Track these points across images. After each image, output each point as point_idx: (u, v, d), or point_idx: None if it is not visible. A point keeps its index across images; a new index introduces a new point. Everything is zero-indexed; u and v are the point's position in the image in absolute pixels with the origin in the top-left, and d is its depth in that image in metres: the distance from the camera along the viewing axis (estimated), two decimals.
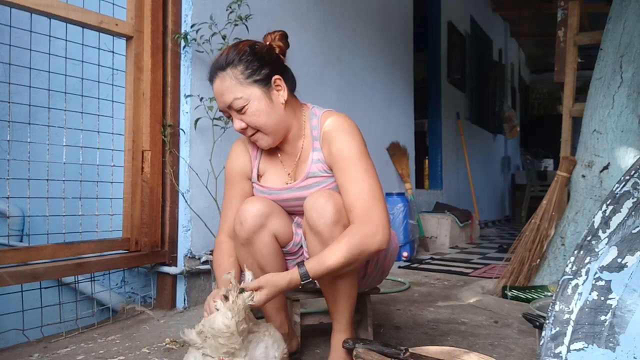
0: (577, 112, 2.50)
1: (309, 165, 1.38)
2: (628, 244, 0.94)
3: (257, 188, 1.46)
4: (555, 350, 0.94)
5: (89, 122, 1.97)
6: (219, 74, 1.31)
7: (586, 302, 0.94)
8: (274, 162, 1.47)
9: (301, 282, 1.20)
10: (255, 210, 1.34)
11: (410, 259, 3.73)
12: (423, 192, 5.20)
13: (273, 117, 1.34)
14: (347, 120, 1.37)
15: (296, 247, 1.44)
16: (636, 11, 2.20)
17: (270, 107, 1.33)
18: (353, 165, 1.29)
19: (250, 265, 1.40)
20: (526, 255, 2.38)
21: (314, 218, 1.25)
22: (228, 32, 2.16)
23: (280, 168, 1.46)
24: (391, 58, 4.38)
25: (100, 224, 1.99)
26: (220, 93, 1.31)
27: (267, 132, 1.34)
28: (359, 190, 1.26)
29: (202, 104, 2.15)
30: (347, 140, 1.32)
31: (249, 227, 1.33)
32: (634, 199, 0.95)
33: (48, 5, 1.72)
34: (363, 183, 1.27)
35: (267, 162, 1.48)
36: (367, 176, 1.28)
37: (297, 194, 1.40)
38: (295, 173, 1.44)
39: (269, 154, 1.47)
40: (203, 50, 2.16)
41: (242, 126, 1.33)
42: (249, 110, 1.30)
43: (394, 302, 2.32)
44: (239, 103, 1.30)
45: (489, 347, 1.64)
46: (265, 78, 1.32)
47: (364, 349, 1.23)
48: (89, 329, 1.86)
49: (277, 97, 1.34)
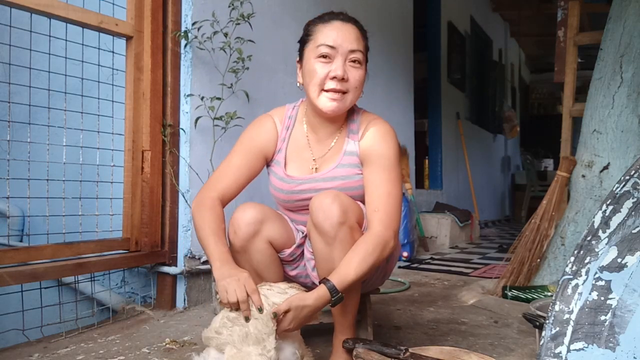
0: (577, 112, 2.50)
1: (340, 157, 1.38)
2: (628, 244, 0.94)
3: (279, 175, 1.42)
4: (555, 350, 0.94)
5: (89, 122, 1.97)
6: (355, 25, 1.34)
7: (586, 302, 0.94)
8: (302, 148, 1.44)
9: (332, 298, 1.17)
10: (249, 218, 1.33)
11: (410, 259, 3.73)
12: (423, 192, 5.20)
13: (358, 96, 1.37)
14: (390, 127, 1.40)
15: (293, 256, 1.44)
16: (636, 11, 2.20)
17: (362, 86, 1.36)
18: (388, 169, 1.32)
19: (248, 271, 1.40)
20: (526, 255, 2.38)
21: (319, 218, 1.24)
22: (230, 30, 2.15)
23: (308, 155, 1.43)
24: (391, 58, 4.38)
25: (100, 224, 1.99)
26: (350, 35, 1.31)
27: (350, 100, 1.34)
28: (388, 195, 1.29)
29: (202, 104, 2.15)
30: (389, 143, 1.35)
31: (243, 236, 1.33)
32: (634, 199, 0.95)
33: (48, 5, 1.72)
34: (393, 189, 1.31)
35: (294, 148, 1.44)
36: (397, 183, 1.32)
37: (318, 184, 1.38)
38: (322, 162, 1.42)
39: (297, 138, 1.44)
40: (204, 48, 2.15)
41: (345, 75, 1.30)
42: (359, 71, 1.32)
43: (394, 302, 2.32)
44: (359, 56, 1.31)
45: (489, 347, 1.64)
46: (367, 58, 1.38)
47: (364, 349, 1.23)
48: (89, 329, 1.86)
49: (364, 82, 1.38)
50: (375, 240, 1.23)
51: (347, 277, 1.18)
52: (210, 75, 2.27)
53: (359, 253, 1.21)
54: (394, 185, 1.31)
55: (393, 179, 1.32)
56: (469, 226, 5.02)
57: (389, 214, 1.27)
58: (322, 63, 1.30)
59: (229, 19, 2.17)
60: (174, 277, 2.14)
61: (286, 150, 1.44)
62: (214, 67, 2.22)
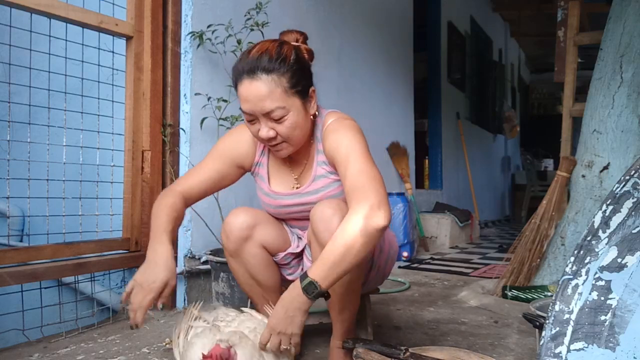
0: (577, 112, 2.50)
1: (314, 168, 1.36)
2: (628, 244, 0.94)
3: (264, 191, 1.42)
4: (555, 350, 0.94)
5: (89, 122, 1.97)
6: (261, 76, 1.19)
7: (586, 302, 0.94)
8: (281, 166, 1.42)
9: (308, 296, 1.08)
10: (240, 223, 1.34)
11: (410, 259, 3.73)
12: (423, 192, 5.20)
13: (305, 129, 1.28)
14: (348, 119, 1.32)
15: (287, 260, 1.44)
16: (636, 11, 2.20)
17: (304, 119, 1.27)
18: (352, 156, 1.22)
19: (242, 275, 1.41)
20: (526, 255, 2.38)
21: (320, 229, 1.22)
22: (243, 36, 2.18)
23: (288, 172, 1.41)
24: (391, 58, 4.38)
25: (100, 224, 1.99)
26: (259, 97, 1.19)
27: (294, 143, 1.28)
28: (359, 173, 1.18)
29: (209, 104, 2.16)
30: (346, 134, 1.26)
31: (234, 240, 1.34)
32: (634, 199, 0.95)
33: (48, 5, 1.72)
34: (363, 166, 1.20)
35: (274, 165, 1.42)
36: (367, 163, 1.21)
37: (303, 199, 1.37)
38: (301, 178, 1.40)
39: (276, 156, 1.40)
40: (217, 51, 2.20)
41: (271, 135, 1.23)
42: (287, 121, 1.22)
43: (394, 302, 2.32)
44: (280, 113, 1.20)
45: (489, 347, 1.64)
46: (305, 89, 1.26)
47: (364, 349, 1.23)
48: (89, 329, 1.86)
49: (310, 109, 1.29)
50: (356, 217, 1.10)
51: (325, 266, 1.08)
52: (212, 75, 2.28)
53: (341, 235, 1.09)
54: (363, 164, 1.20)
55: (360, 161, 1.20)
56: (469, 226, 5.02)
57: (363, 187, 1.14)
58: (250, 124, 1.26)
59: (244, 26, 2.20)
60: None
61: (268, 165, 1.42)
62: (223, 68, 2.24)
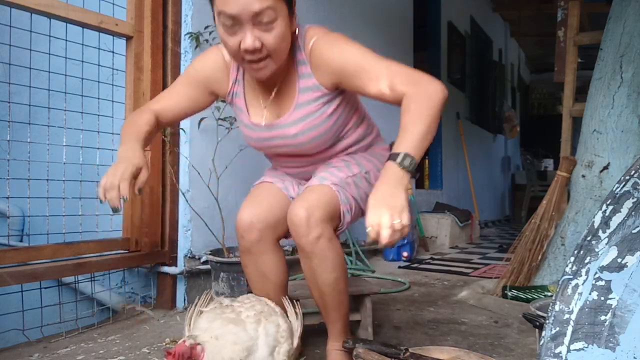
0: (577, 112, 2.50)
1: (296, 96, 1.24)
2: (628, 244, 0.94)
3: (245, 123, 1.33)
4: (555, 350, 0.94)
5: (89, 122, 1.97)
6: None
7: (586, 302, 0.94)
8: (259, 95, 1.30)
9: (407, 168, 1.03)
10: (252, 224, 1.32)
11: (410, 259, 3.73)
12: (423, 192, 5.20)
13: (288, 45, 1.16)
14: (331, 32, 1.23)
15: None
16: (636, 11, 2.20)
17: (288, 33, 1.14)
18: (365, 60, 1.16)
19: (253, 271, 1.40)
20: (526, 255, 2.38)
21: (295, 233, 1.23)
22: None
23: (266, 101, 1.29)
24: (391, 58, 4.38)
25: (100, 224, 1.99)
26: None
27: (278, 59, 1.15)
28: (387, 68, 1.14)
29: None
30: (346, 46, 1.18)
31: (249, 238, 1.34)
32: (634, 199, 0.95)
33: (48, 5, 1.72)
34: (385, 62, 1.15)
35: (251, 93, 1.31)
36: (384, 60, 1.16)
37: (282, 131, 1.27)
38: (281, 107, 1.28)
39: (250, 84, 1.29)
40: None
41: (257, 45, 1.09)
42: (275, 30, 1.09)
43: (394, 302, 2.31)
44: (270, 15, 1.07)
45: (489, 347, 1.64)
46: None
47: (364, 349, 1.23)
48: (89, 329, 1.86)
49: (292, 24, 1.17)
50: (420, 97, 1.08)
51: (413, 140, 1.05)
52: None
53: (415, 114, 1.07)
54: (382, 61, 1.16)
55: (378, 60, 1.16)
56: (469, 226, 5.02)
57: (403, 75, 1.12)
58: (229, 34, 1.10)
59: None
60: (174, 277, 2.14)
61: (244, 95, 1.31)
62: None
